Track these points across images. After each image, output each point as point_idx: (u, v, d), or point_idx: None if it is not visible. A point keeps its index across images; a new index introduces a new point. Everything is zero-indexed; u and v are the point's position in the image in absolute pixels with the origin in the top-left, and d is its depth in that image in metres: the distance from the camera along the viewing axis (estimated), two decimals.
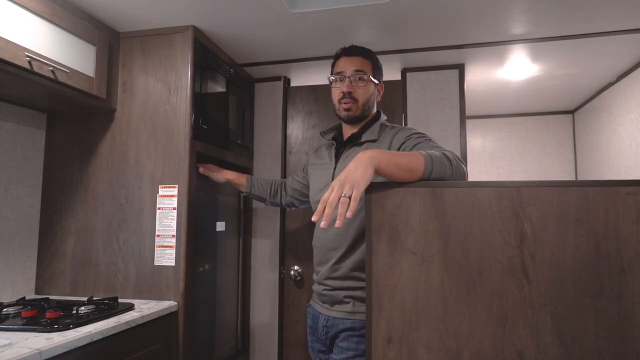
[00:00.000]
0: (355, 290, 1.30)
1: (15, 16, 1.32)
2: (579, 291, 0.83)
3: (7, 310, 1.41)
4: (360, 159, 0.94)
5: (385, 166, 0.95)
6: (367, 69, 1.37)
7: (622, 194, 0.83)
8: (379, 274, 0.95)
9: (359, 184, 0.90)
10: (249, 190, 1.84)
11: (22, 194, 1.76)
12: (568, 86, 2.72)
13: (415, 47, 2.05)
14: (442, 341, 0.89)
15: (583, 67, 2.35)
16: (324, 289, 1.36)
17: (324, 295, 1.36)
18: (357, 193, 0.89)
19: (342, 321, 1.30)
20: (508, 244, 0.87)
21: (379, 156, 0.95)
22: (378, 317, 0.93)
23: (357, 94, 1.36)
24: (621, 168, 2.57)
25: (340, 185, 0.90)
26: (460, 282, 0.89)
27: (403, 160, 0.97)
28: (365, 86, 1.36)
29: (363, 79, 1.36)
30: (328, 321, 1.33)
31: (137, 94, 1.80)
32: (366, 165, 0.93)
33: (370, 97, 1.38)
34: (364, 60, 1.38)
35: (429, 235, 0.92)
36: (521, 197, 0.88)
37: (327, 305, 1.35)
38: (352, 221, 1.30)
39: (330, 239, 1.35)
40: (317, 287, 1.41)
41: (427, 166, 0.99)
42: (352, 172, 0.92)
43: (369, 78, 1.37)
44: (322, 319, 1.35)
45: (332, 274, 1.33)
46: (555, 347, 0.83)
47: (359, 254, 1.30)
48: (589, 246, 0.84)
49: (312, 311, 1.44)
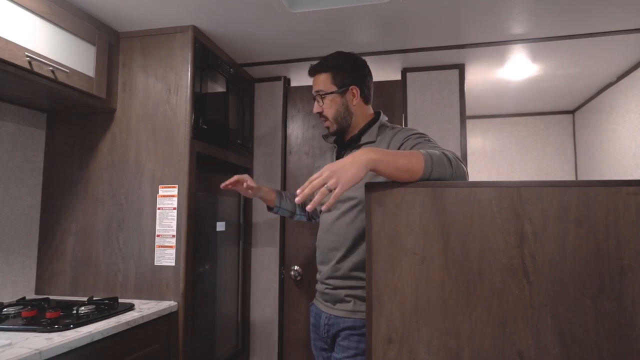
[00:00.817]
0: (356, 290, 1.32)
1: (15, 16, 1.32)
2: (579, 291, 0.83)
3: (7, 310, 1.41)
4: (358, 159, 0.94)
5: (384, 167, 0.95)
6: (325, 85, 1.38)
7: (622, 194, 0.83)
8: (380, 274, 0.94)
9: (345, 183, 0.91)
10: (278, 204, 1.69)
11: (21, 194, 1.76)
12: (568, 86, 2.72)
13: (416, 47, 2.05)
14: (442, 341, 0.89)
15: (583, 67, 2.35)
16: (325, 287, 1.39)
17: (326, 294, 1.39)
18: (338, 191, 0.91)
19: (342, 320, 1.32)
20: (508, 244, 0.87)
21: (378, 157, 0.95)
22: (378, 317, 0.93)
23: (326, 112, 1.39)
24: (621, 168, 2.57)
25: (329, 175, 0.92)
26: (461, 282, 0.89)
27: (403, 161, 0.97)
28: (329, 102, 1.38)
29: (324, 97, 1.38)
30: (329, 319, 1.35)
31: (138, 94, 1.80)
32: (360, 167, 0.93)
33: (338, 109, 1.38)
34: (320, 75, 1.40)
35: (429, 235, 0.92)
36: (521, 197, 0.87)
37: (329, 304, 1.38)
38: (352, 222, 1.32)
39: (331, 240, 1.38)
40: (320, 286, 1.44)
41: (427, 166, 0.98)
42: (345, 169, 0.93)
43: (331, 92, 1.37)
44: (324, 317, 1.38)
45: (333, 273, 1.36)
46: (556, 347, 0.83)
47: (359, 254, 1.31)
48: (590, 246, 0.84)
49: (315, 309, 1.46)
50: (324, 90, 1.38)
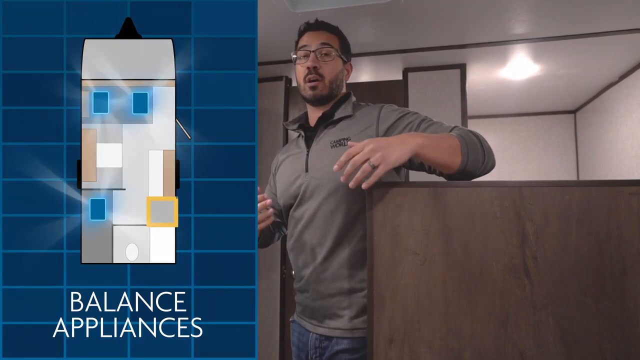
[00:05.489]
0: (351, 296, 1.06)
1: None
2: (580, 291, 0.83)
3: None
4: (408, 141, 0.88)
5: (428, 152, 0.89)
6: (334, 44, 1.20)
7: (624, 194, 0.83)
8: (381, 274, 0.95)
9: (389, 163, 0.85)
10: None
11: None
12: (570, 86, 2.72)
13: (417, 47, 2.05)
14: (444, 341, 0.89)
15: (585, 67, 2.35)
16: (308, 297, 1.13)
17: (309, 309, 1.13)
18: (381, 170, 0.84)
19: (336, 341, 1.06)
20: (510, 244, 0.87)
21: (424, 142, 0.88)
22: (380, 317, 0.94)
23: (324, 70, 1.17)
24: (623, 168, 2.56)
25: (374, 149, 0.84)
26: (462, 282, 0.89)
27: (443, 144, 0.90)
28: (332, 61, 1.18)
29: (330, 54, 1.18)
30: (321, 342, 1.09)
31: None
32: (408, 149, 0.87)
33: (338, 74, 1.20)
34: (331, 35, 1.23)
35: (430, 235, 0.92)
36: (523, 197, 0.87)
37: (315, 321, 1.11)
38: (336, 209, 1.08)
39: (311, 235, 1.11)
40: (301, 297, 1.17)
41: (464, 151, 0.92)
42: (393, 148, 0.86)
43: (337, 53, 1.20)
44: (312, 338, 1.11)
45: (319, 275, 1.09)
46: (557, 347, 0.83)
47: (350, 246, 1.07)
48: (591, 246, 0.84)
49: (298, 328, 1.19)
50: (333, 48, 1.19)
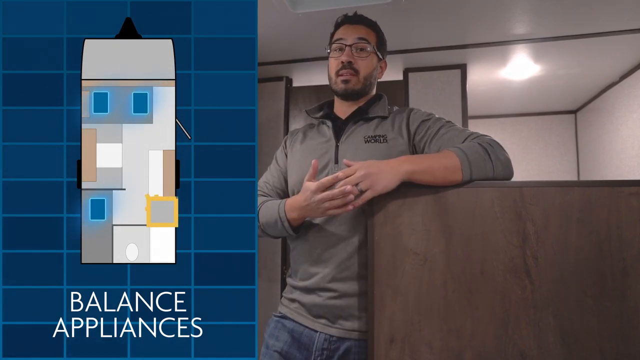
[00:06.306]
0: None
1: None
2: (581, 291, 0.83)
3: None
4: (397, 169, 0.91)
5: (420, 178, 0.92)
6: (371, 39, 1.18)
7: (625, 194, 0.83)
8: (382, 274, 0.94)
9: (377, 190, 0.89)
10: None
11: None
12: (570, 86, 2.72)
13: (417, 47, 2.05)
14: (444, 341, 0.89)
15: (585, 67, 2.35)
16: (320, 296, 1.05)
17: (318, 307, 1.05)
18: (368, 195, 0.89)
19: (350, 342, 1.01)
20: (510, 244, 0.87)
21: (414, 169, 0.92)
22: (380, 317, 0.93)
23: (359, 65, 1.15)
24: (624, 168, 2.56)
25: (365, 175, 0.88)
26: (463, 282, 0.89)
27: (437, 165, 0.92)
28: (367, 57, 1.17)
29: (366, 49, 1.16)
30: (331, 343, 1.02)
31: None
32: (396, 177, 0.91)
33: (372, 71, 1.19)
34: (369, 30, 1.20)
35: (431, 235, 0.92)
36: (523, 197, 0.87)
37: (325, 320, 1.05)
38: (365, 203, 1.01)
39: (334, 231, 1.05)
40: (303, 295, 1.09)
41: (464, 167, 0.92)
42: (382, 176, 0.90)
43: (373, 49, 1.18)
44: (319, 338, 1.04)
45: (341, 273, 1.03)
46: (558, 347, 0.83)
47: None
48: (592, 246, 0.83)
49: (293, 326, 1.09)
50: (371, 44, 1.17)
